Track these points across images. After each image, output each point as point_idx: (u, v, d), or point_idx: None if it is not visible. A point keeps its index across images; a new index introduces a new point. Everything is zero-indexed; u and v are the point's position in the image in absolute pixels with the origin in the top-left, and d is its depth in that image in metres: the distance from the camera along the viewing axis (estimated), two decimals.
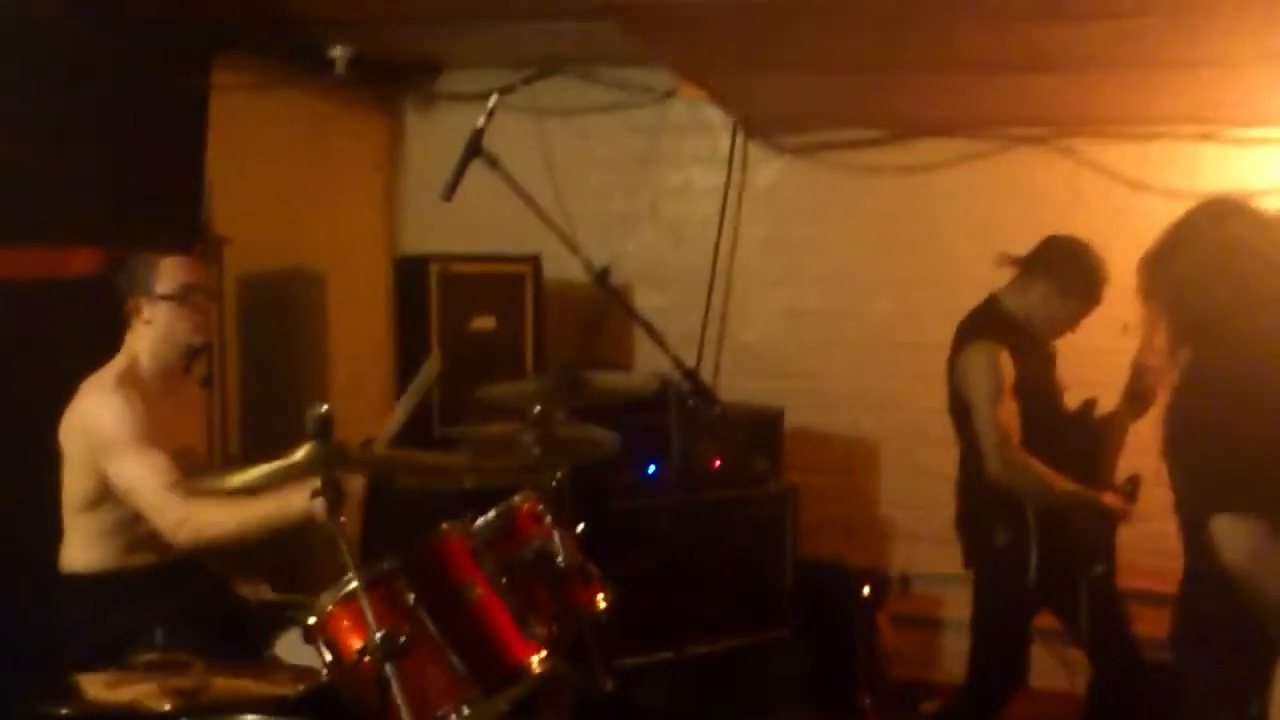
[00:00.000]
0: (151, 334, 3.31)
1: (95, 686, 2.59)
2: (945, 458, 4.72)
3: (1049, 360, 3.86)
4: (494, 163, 3.02)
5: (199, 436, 3.62)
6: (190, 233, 4.27)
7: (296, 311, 5.08)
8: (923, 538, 5.20)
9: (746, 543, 4.70)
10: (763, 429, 4.85)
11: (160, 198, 4.14)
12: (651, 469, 4.51)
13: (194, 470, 3.23)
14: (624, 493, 4.45)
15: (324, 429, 2.40)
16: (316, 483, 2.42)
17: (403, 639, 2.32)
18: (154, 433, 3.18)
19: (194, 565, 3.35)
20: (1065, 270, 3.75)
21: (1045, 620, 3.88)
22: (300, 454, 2.40)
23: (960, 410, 3.76)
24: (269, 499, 2.99)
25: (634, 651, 4.04)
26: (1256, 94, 4.43)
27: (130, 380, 3.25)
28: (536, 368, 4.86)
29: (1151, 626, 4.11)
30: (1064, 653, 4.22)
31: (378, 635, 2.29)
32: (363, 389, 5.20)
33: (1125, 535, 3.86)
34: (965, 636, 3.93)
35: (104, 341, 3.36)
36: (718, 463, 4.60)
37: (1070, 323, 3.79)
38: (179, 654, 2.59)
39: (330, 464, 2.39)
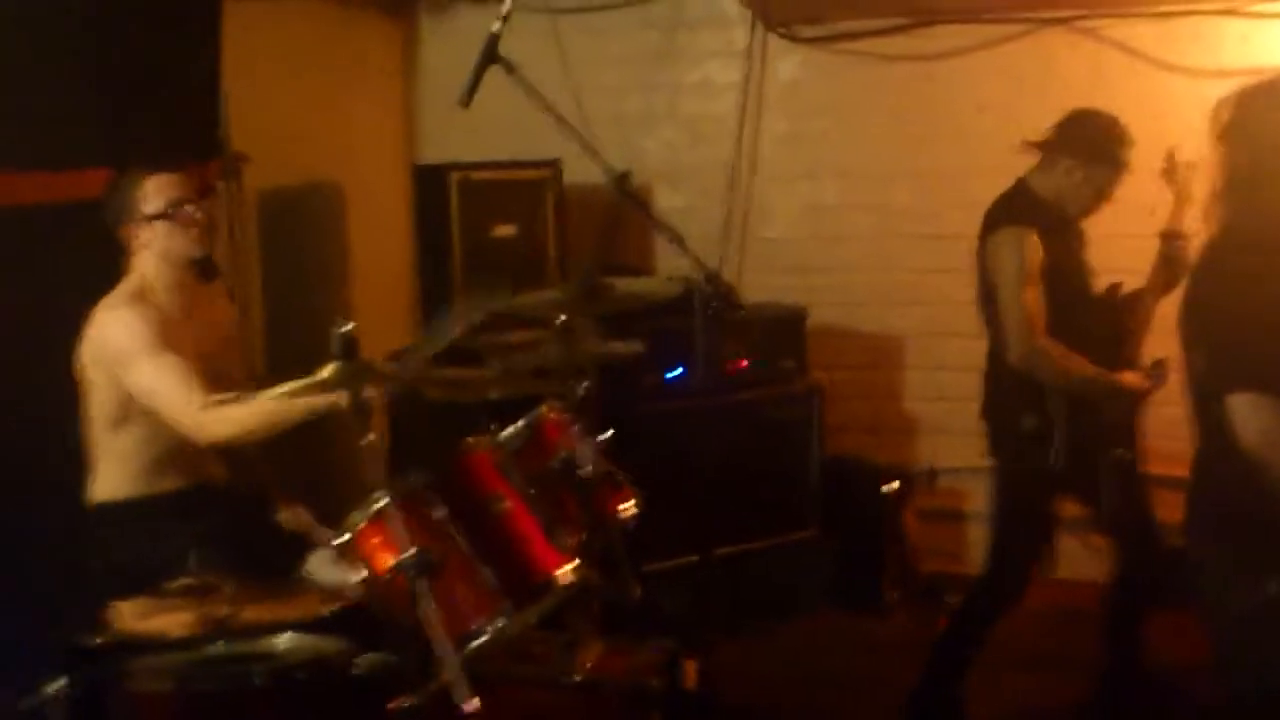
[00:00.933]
0: (151, 256, 3.27)
1: (127, 616, 2.63)
2: (969, 350, 4.69)
3: (1079, 242, 3.84)
4: (511, 68, 2.97)
5: (231, 352, 3.60)
6: (207, 147, 4.23)
7: (316, 225, 5.06)
8: (947, 431, 5.21)
9: (773, 443, 4.73)
10: (786, 328, 4.85)
11: (174, 113, 4.08)
12: (677, 372, 4.52)
13: (223, 382, 3.25)
14: (650, 397, 4.47)
15: (349, 347, 2.40)
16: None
17: (435, 555, 2.34)
18: (172, 343, 3.18)
19: (224, 488, 3.38)
20: (1086, 140, 3.73)
21: (1069, 508, 3.89)
22: (326, 372, 2.40)
23: (987, 296, 3.74)
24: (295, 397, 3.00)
25: (660, 556, 4.08)
26: None
27: (141, 297, 3.24)
28: (560, 274, 4.84)
29: (1175, 512, 4.13)
30: (1088, 540, 4.23)
31: (410, 552, 2.30)
32: (385, 300, 5.20)
33: (1148, 421, 3.86)
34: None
35: (120, 264, 3.34)
36: (743, 364, 4.60)
37: (1100, 194, 3.77)
38: (212, 578, 2.62)
39: (356, 381, 2.39)
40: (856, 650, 4.56)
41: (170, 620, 2.56)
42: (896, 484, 4.94)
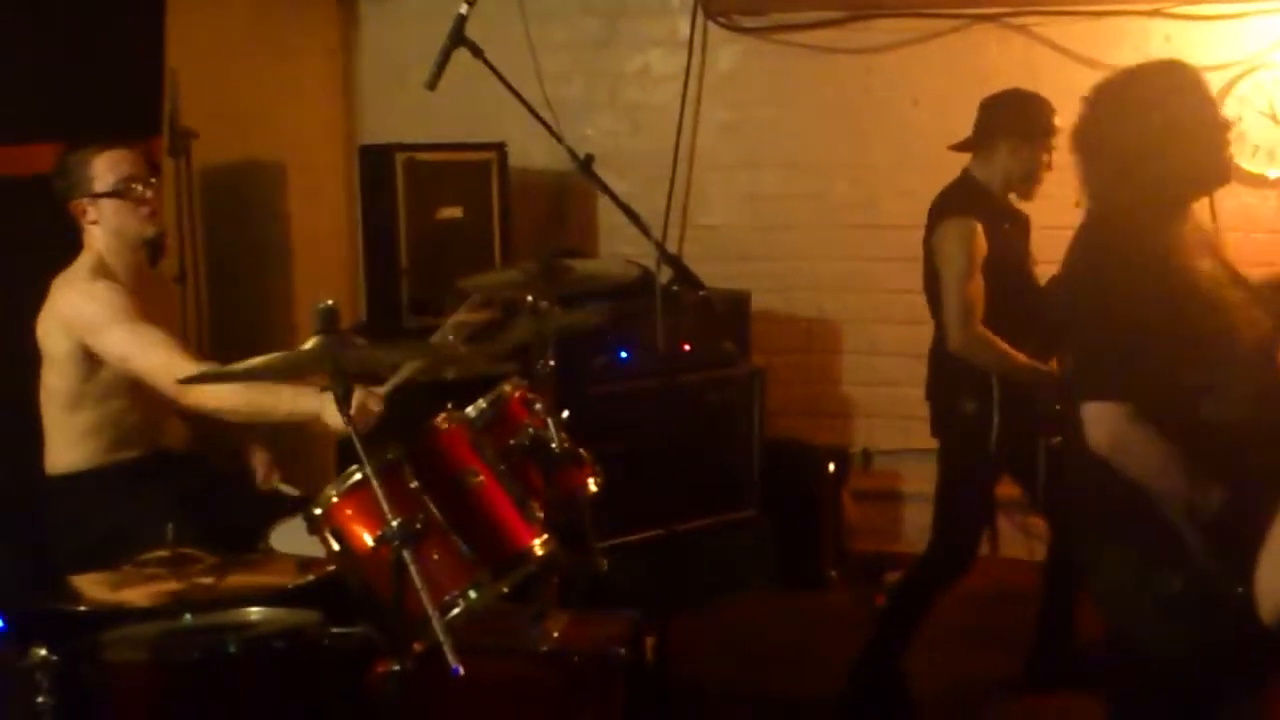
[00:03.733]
0: (102, 233, 3.25)
1: (95, 587, 2.62)
2: (902, 336, 4.82)
3: (1023, 231, 3.94)
4: (477, 51, 3.01)
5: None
6: (152, 123, 4.20)
7: (259, 204, 5.03)
8: (882, 415, 5.33)
9: (716, 425, 4.79)
10: (730, 312, 4.91)
11: (119, 89, 4.07)
12: (624, 354, 4.57)
13: None
14: (598, 379, 4.52)
15: (330, 321, 2.41)
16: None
17: (418, 525, 2.37)
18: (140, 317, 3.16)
19: (183, 456, 3.37)
20: (1017, 116, 3.83)
21: (1007, 490, 4.02)
22: (309, 344, 2.42)
23: (932, 284, 3.84)
24: (283, 389, 3.01)
25: (607, 534, 4.13)
26: None
27: (103, 271, 3.22)
28: (504, 257, 4.86)
29: None
30: (1025, 522, 4.37)
31: (394, 522, 2.33)
32: (328, 281, 5.18)
33: None
34: (924, 509, 4.06)
35: (71, 239, 3.31)
36: (687, 347, 4.66)
37: (1040, 166, 3.84)
38: (188, 549, 2.62)
39: (338, 356, 2.42)
40: (798, 626, 4.64)
41: (139, 591, 2.57)
42: (833, 466, 5.05)
